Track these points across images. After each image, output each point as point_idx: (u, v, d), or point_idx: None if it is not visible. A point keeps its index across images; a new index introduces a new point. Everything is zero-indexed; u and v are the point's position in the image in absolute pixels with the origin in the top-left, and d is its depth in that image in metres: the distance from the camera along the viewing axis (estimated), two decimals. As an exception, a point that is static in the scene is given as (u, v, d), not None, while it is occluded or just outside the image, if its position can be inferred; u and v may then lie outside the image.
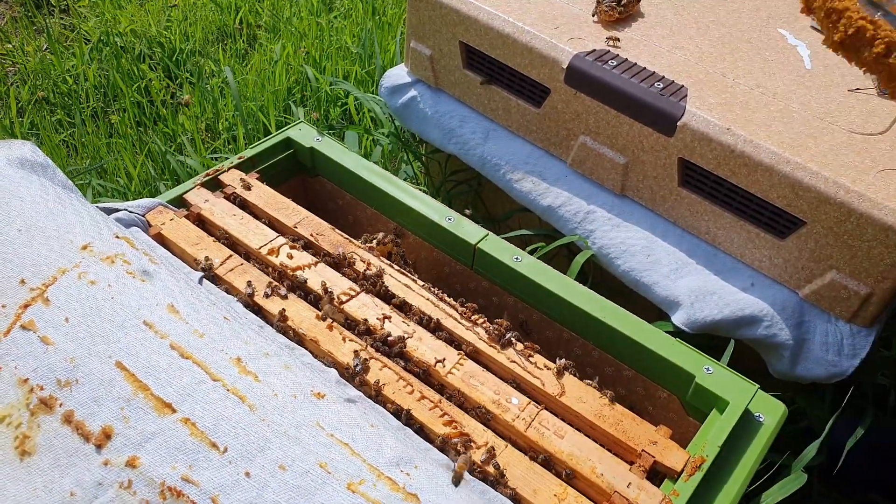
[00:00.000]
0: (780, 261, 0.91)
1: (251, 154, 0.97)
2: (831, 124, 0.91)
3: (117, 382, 0.51)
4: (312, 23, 2.06)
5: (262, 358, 0.54)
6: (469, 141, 1.17)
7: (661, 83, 0.95)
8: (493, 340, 0.77)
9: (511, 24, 1.05)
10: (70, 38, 2.02)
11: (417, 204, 0.92)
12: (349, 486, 0.46)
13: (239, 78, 1.81)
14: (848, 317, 0.88)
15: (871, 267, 0.83)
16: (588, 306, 0.81)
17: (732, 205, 0.93)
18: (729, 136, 0.88)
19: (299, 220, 0.89)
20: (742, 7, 1.13)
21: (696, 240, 0.99)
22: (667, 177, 0.97)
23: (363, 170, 0.96)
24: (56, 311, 0.55)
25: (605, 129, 1.01)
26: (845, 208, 0.82)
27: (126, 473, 0.48)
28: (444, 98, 1.21)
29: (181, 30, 2.03)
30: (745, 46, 1.04)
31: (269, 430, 0.48)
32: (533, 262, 0.85)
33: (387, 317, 0.78)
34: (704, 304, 0.94)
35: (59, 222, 0.62)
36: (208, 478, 0.47)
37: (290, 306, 0.76)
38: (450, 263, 0.93)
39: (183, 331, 0.54)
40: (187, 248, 0.81)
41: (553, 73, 1.02)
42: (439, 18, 1.13)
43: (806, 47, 1.05)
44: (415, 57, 1.21)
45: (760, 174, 0.87)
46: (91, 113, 1.75)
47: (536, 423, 0.69)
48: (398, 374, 0.71)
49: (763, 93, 0.95)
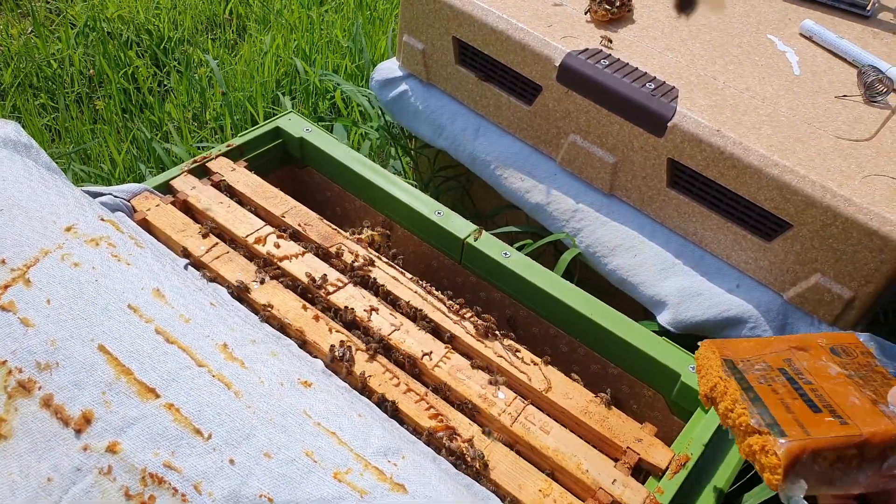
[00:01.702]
0: (766, 263, 0.92)
1: (239, 142, 0.96)
2: (818, 129, 0.91)
3: (99, 366, 0.50)
4: (303, 15, 2.05)
5: (249, 345, 0.54)
6: (459, 137, 1.17)
7: (652, 84, 0.96)
8: (480, 335, 0.76)
9: (505, 20, 1.05)
10: (56, 21, 1.98)
11: (407, 197, 0.92)
12: (336, 474, 0.46)
13: (228, 68, 1.79)
14: (831, 320, 0.89)
15: (854, 271, 0.84)
16: (576, 303, 0.81)
17: (720, 206, 0.94)
18: (718, 137, 0.89)
19: (287, 209, 0.88)
20: (733, 12, 1.14)
21: (683, 241, 0.99)
22: (655, 177, 0.98)
23: (353, 161, 0.96)
24: (37, 292, 0.53)
25: (595, 129, 1.01)
26: (831, 212, 0.83)
27: (106, 459, 0.47)
28: (436, 93, 1.21)
29: (170, 18, 2.00)
30: (735, 51, 1.05)
31: (255, 417, 0.48)
32: (521, 259, 0.85)
33: (374, 309, 0.77)
34: (690, 304, 0.95)
35: (42, 203, 0.60)
36: (191, 465, 0.46)
37: (276, 296, 0.75)
38: (438, 257, 0.93)
39: (168, 315, 0.53)
40: (173, 235, 0.80)
41: (545, 70, 1.02)
42: (433, 13, 1.12)
43: (794, 53, 1.06)
44: (407, 51, 1.20)
45: (749, 176, 0.88)
46: (75, 98, 1.72)
47: (522, 417, 0.69)
48: (384, 367, 0.71)
49: (752, 97, 0.96)
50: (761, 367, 0.57)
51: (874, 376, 0.54)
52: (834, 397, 0.52)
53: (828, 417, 0.50)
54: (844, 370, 0.54)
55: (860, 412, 0.50)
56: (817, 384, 0.53)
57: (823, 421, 0.50)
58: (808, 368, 0.56)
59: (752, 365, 0.58)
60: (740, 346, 0.61)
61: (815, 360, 0.56)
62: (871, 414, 0.49)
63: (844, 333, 0.59)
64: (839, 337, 0.59)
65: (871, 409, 0.49)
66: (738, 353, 0.60)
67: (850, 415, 0.50)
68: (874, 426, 0.48)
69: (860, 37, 1.09)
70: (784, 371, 0.56)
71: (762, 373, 0.56)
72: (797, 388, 0.53)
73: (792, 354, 0.58)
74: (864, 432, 0.48)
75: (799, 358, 0.57)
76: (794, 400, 0.52)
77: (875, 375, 0.54)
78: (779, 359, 0.58)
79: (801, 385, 0.54)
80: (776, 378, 0.55)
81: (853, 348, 0.57)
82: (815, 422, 0.50)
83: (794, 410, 0.51)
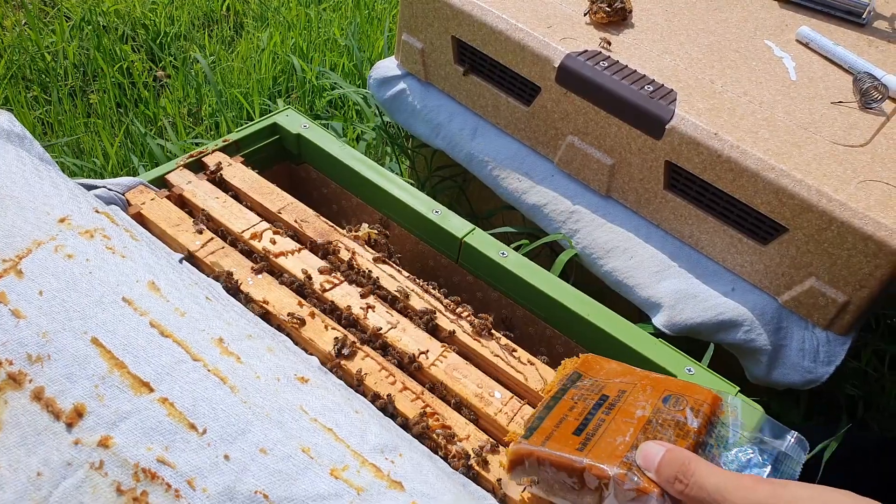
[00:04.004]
0: (762, 266, 0.92)
1: (236, 137, 0.96)
2: (814, 134, 0.92)
3: (92, 359, 0.49)
4: (301, 13, 2.04)
5: (245, 340, 0.53)
6: (457, 136, 1.17)
7: (651, 86, 0.96)
8: (477, 334, 0.76)
9: (504, 20, 1.05)
10: (50, 14, 1.97)
11: (404, 195, 0.91)
12: (332, 471, 0.45)
13: (224, 64, 1.78)
14: (825, 324, 0.89)
15: (849, 275, 0.84)
16: (573, 303, 0.81)
17: (716, 209, 0.94)
18: (716, 140, 0.89)
19: (284, 205, 0.87)
20: (730, 18, 1.14)
21: (679, 243, 0.99)
22: (653, 179, 0.98)
23: (350, 158, 0.95)
24: (30, 283, 0.53)
25: (593, 130, 1.01)
26: (827, 216, 0.83)
27: (98, 453, 0.46)
28: (434, 92, 1.21)
29: (167, 13, 1.99)
30: (733, 55, 1.05)
31: (251, 412, 0.47)
32: (519, 258, 0.85)
33: (370, 306, 0.76)
34: (685, 306, 0.95)
35: (35, 194, 0.60)
36: (185, 460, 0.45)
37: (272, 292, 0.75)
38: (435, 257, 0.92)
39: (163, 309, 0.53)
40: (167, 229, 0.79)
41: (544, 71, 1.02)
42: (432, 12, 1.12)
43: (791, 59, 1.06)
44: (406, 50, 1.20)
45: (745, 180, 0.88)
46: (69, 91, 1.71)
47: (519, 417, 0.69)
48: (380, 364, 0.70)
49: (750, 101, 0.96)
50: (592, 388, 0.62)
51: (673, 431, 0.54)
52: (608, 431, 0.54)
53: (576, 440, 0.53)
54: (650, 415, 0.56)
55: (608, 449, 0.52)
56: (611, 417, 0.56)
57: (568, 441, 0.54)
58: (624, 404, 0.58)
59: (590, 384, 0.63)
60: (605, 367, 0.66)
61: (636, 399, 0.58)
62: (612, 453, 0.51)
63: (711, 393, 0.59)
64: (697, 392, 0.59)
65: (618, 451, 0.51)
66: (595, 371, 0.66)
67: (597, 447, 0.52)
68: (598, 461, 0.51)
69: (856, 44, 1.10)
70: (603, 398, 0.59)
71: (583, 392, 0.61)
72: (589, 414, 0.57)
73: (631, 389, 0.60)
74: (585, 463, 0.51)
75: (631, 393, 0.59)
76: (573, 420, 0.57)
77: (676, 430, 0.54)
78: (615, 388, 0.61)
79: (597, 413, 0.57)
80: (587, 399, 0.60)
81: (695, 405, 0.57)
82: (561, 439, 0.54)
83: (561, 426, 0.56)
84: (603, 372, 0.66)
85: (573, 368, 0.68)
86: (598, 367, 0.67)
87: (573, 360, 0.70)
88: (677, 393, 0.58)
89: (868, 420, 1.18)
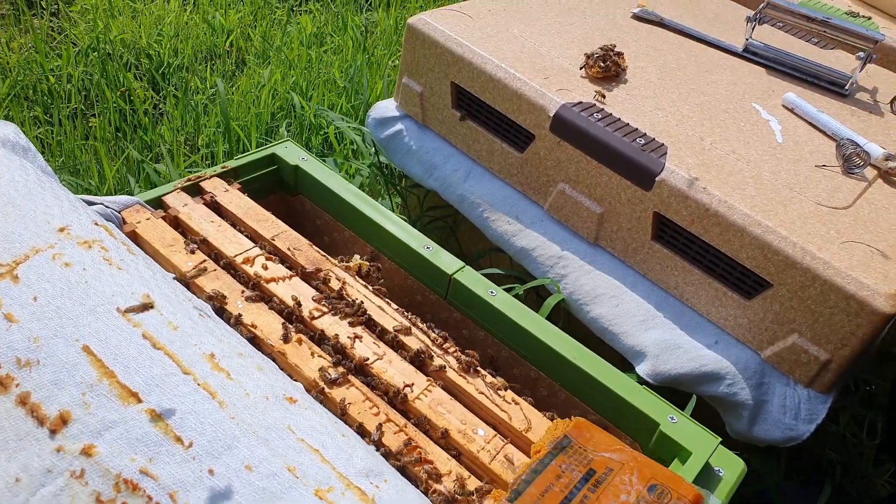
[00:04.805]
0: (745, 321, 0.93)
1: (235, 165, 0.97)
2: (799, 195, 0.95)
3: (82, 367, 0.49)
4: (303, 53, 2.09)
5: (236, 357, 0.53)
6: (450, 178, 1.19)
7: (642, 139, 0.99)
8: (463, 370, 0.76)
9: (503, 69, 1.08)
10: (57, 39, 2.00)
11: (397, 230, 0.92)
12: (317, 492, 0.45)
13: (225, 97, 1.81)
14: (806, 381, 0.90)
15: (831, 333, 0.86)
16: (559, 346, 0.81)
17: (703, 262, 0.96)
18: (705, 195, 0.92)
19: (277, 233, 0.88)
20: (720, 80, 1.19)
21: (664, 294, 1.01)
22: (641, 229, 1.00)
23: (346, 191, 0.97)
24: (25, 289, 0.53)
25: (584, 179, 1.04)
26: (811, 274, 0.85)
27: (79, 462, 0.46)
28: (430, 135, 1.23)
29: (171, 45, 2.03)
30: (722, 115, 1.09)
31: (238, 428, 0.47)
32: (507, 298, 0.86)
33: (357, 337, 0.77)
34: (669, 357, 0.95)
35: (37, 203, 0.60)
36: (169, 472, 0.45)
37: (260, 317, 0.75)
38: (423, 292, 0.93)
39: (157, 321, 0.53)
40: (161, 249, 0.79)
41: (539, 120, 1.05)
42: (434, 57, 1.16)
43: (777, 122, 1.11)
44: (405, 92, 1.23)
45: (732, 234, 0.90)
46: (70, 114, 1.72)
47: (501, 455, 0.69)
48: (364, 395, 0.70)
49: (738, 159, 1.00)
50: (581, 460, 0.63)
51: None
52: None
53: None
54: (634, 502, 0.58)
55: None
56: (595, 497, 0.59)
57: None
58: (610, 484, 0.60)
59: (579, 452, 0.65)
60: (595, 436, 0.68)
61: (622, 482, 0.61)
62: None
63: (694, 490, 0.62)
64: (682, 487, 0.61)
65: None
66: (585, 439, 0.67)
67: None
68: None
69: (838, 113, 1.14)
70: (590, 473, 0.62)
71: (571, 462, 0.63)
72: (575, 488, 0.59)
73: (618, 469, 0.63)
74: None
75: (618, 473, 0.62)
76: (558, 491, 0.59)
77: None
78: (602, 464, 0.63)
79: (583, 489, 0.60)
80: (574, 471, 0.62)
81: (678, 499, 0.60)
82: None
83: (546, 496, 0.59)
84: (593, 441, 0.67)
85: (564, 431, 0.68)
86: (588, 435, 0.68)
87: (564, 423, 0.71)
88: (663, 484, 0.61)
89: (846, 485, 1.18)
